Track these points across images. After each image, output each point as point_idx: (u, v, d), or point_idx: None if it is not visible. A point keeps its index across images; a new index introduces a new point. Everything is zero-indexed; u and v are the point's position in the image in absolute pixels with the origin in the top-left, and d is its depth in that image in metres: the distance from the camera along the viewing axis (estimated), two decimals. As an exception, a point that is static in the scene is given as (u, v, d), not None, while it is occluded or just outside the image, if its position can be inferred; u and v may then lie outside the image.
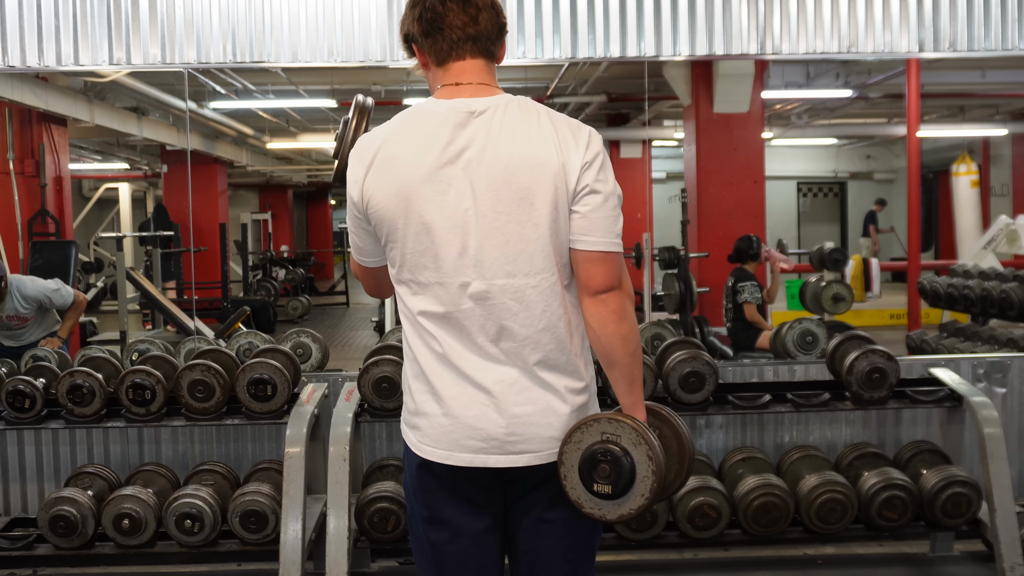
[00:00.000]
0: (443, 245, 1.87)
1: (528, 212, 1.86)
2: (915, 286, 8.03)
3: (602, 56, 4.36)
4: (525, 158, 1.86)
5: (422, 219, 1.86)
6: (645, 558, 4.10)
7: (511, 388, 1.88)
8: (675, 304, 7.43)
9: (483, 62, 1.96)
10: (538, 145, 1.87)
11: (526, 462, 1.89)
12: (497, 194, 1.85)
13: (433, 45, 1.95)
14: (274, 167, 17.58)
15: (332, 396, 4.06)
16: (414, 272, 1.90)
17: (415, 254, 1.89)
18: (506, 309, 1.87)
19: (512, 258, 1.86)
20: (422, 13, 1.94)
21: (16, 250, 7.47)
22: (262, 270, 15.34)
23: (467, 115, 1.88)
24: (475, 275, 1.87)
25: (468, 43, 1.94)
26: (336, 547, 3.47)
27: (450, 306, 1.88)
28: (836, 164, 18.74)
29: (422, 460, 1.93)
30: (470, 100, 1.91)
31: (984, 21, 4.43)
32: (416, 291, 1.91)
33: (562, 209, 1.87)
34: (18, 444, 4.34)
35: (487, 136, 1.87)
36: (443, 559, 1.97)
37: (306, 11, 4.30)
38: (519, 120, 1.89)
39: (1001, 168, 15.00)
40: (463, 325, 1.88)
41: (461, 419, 1.88)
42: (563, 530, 1.97)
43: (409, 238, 1.88)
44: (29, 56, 4.25)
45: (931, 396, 4.04)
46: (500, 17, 1.98)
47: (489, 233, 1.86)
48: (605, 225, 1.89)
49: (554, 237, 1.87)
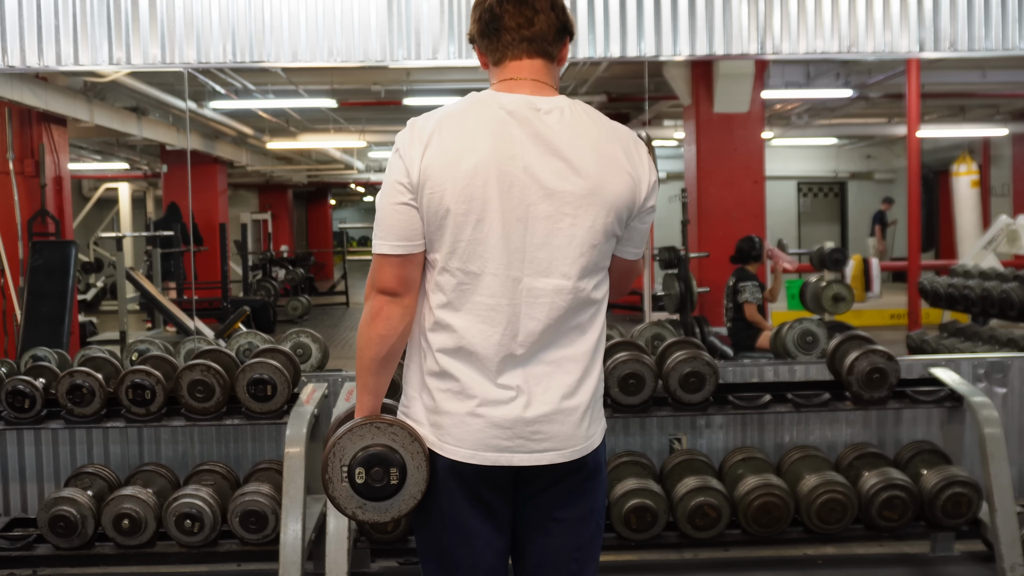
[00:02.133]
0: (507, 237, 1.86)
1: (591, 218, 1.88)
2: (915, 286, 8.03)
3: (602, 56, 4.36)
4: (604, 166, 1.89)
5: (484, 208, 1.85)
6: (645, 558, 4.10)
7: (538, 386, 1.89)
8: (675, 304, 7.43)
9: (541, 62, 1.97)
10: (613, 156, 1.91)
11: (550, 460, 1.89)
12: (564, 195, 1.86)
13: (489, 45, 1.97)
14: (274, 167, 17.59)
15: (332, 396, 4.06)
16: (466, 261, 1.87)
17: (471, 242, 1.86)
18: (555, 309, 1.88)
19: (572, 261, 1.88)
20: (481, 14, 1.96)
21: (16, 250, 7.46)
22: (262, 270, 15.35)
23: (533, 111, 1.89)
24: (530, 271, 1.87)
25: (524, 44, 1.95)
26: (336, 547, 3.47)
27: (500, 299, 1.87)
28: (836, 164, 18.73)
29: (445, 459, 1.91)
30: (532, 97, 1.91)
31: (984, 21, 4.43)
32: (462, 281, 1.87)
33: (622, 220, 1.93)
34: (18, 444, 4.34)
35: (562, 135, 1.88)
36: (456, 561, 1.95)
37: (306, 11, 4.30)
38: (589, 125, 1.92)
39: (1001, 168, 15.00)
40: (509, 320, 1.87)
41: (487, 418, 1.87)
42: (573, 529, 1.97)
43: (470, 224, 1.86)
44: (29, 56, 4.25)
45: (931, 396, 4.04)
46: (561, 18, 1.98)
47: (551, 232, 1.87)
48: (645, 237, 2.04)
49: (605, 245, 1.92)
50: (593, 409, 1.95)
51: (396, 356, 1.94)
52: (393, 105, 11.07)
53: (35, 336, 6.07)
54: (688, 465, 4.01)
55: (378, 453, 1.90)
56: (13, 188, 7.57)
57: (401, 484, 1.91)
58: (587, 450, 1.93)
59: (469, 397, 1.88)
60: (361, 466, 1.91)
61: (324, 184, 22.83)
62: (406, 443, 1.90)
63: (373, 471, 1.90)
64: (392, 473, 1.90)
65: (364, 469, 1.91)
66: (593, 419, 1.95)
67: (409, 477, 1.90)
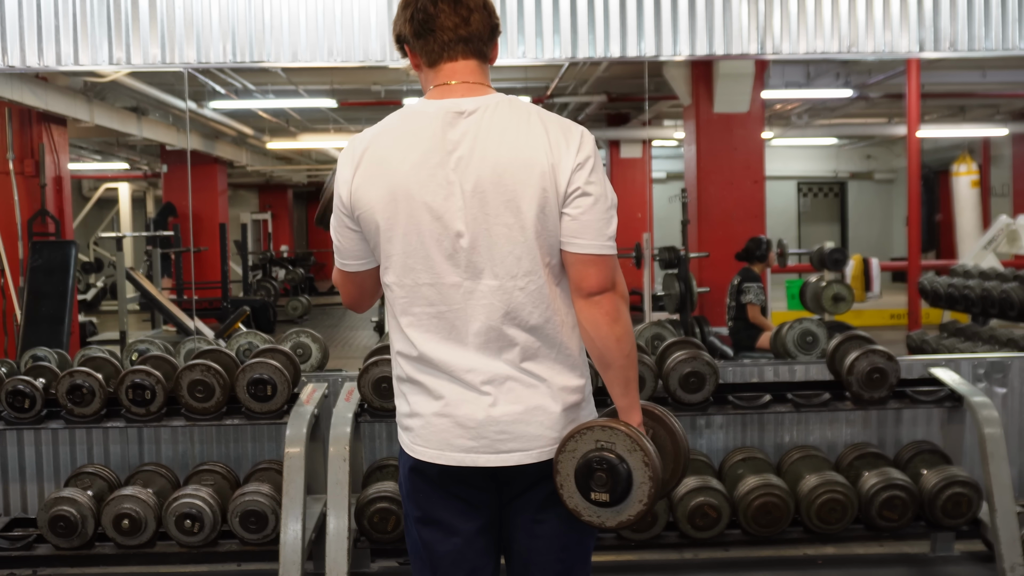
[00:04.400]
0: (433, 246, 1.86)
1: (515, 215, 1.85)
2: (915, 286, 8.03)
3: (602, 56, 4.36)
4: (513, 159, 1.85)
5: (412, 220, 1.86)
6: (645, 558, 4.10)
7: (501, 387, 1.88)
8: (675, 304, 7.44)
9: (475, 63, 1.95)
10: (527, 146, 1.85)
11: (516, 461, 1.89)
12: (485, 196, 1.85)
13: (425, 46, 1.95)
14: (274, 167, 17.58)
15: (332, 396, 4.06)
16: (404, 273, 1.89)
17: (404, 255, 1.88)
18: (495, 310, 1.87)
19: (500, 260, 1.86)
20: (413, 14, 1.93)
21: (16, 250, 7.46)
22: (262, 270, 15.34)
23: (456, 115, 1.88)
24: (465, 276, 1.87)
25: (460, 44, 1.93)
26: (336, 547, 3.47)
27: (441, 306, 1.88)
28: (836, 164, 18.73)
29: (414, 460, 1.94)
30: (460, 100, 1.90)
31: (984, 21, 4.43)
32: (407, 292, 1.90)
33: (551, 212, 1.86)
34: (18, 444, 4.34)
35: (476, 136, 1.86)
36: (437, 559, 1.97)
37: (306, 11, 4.30)
38: (509, 120, 1.88)
39: (1001, 168, 14.99)
40: (453, 325, 1.88)
41: (452, 418, 1.89)
42: (557, 530, 1.97)
43: (398, 239, 1.87)
44: (29, 56, 4.25)
45: (931, 396, 4.04)
46: (492, 18, 1.97)
47: (478, 235, 1.85)
48: (596, 227, 1.87)
49: (541, 240, 1.86)
50: (572, 409, 1.92)
51: None
52: (393, 105, 11.05)
53: (35, 336, 6.07)
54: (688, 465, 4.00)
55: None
56: (13, 188, 7.57)
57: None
58: None
59: (437, 398, 1.90)
60: None
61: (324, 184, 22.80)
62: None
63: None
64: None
65: None
66: (573, 420, 1.93)
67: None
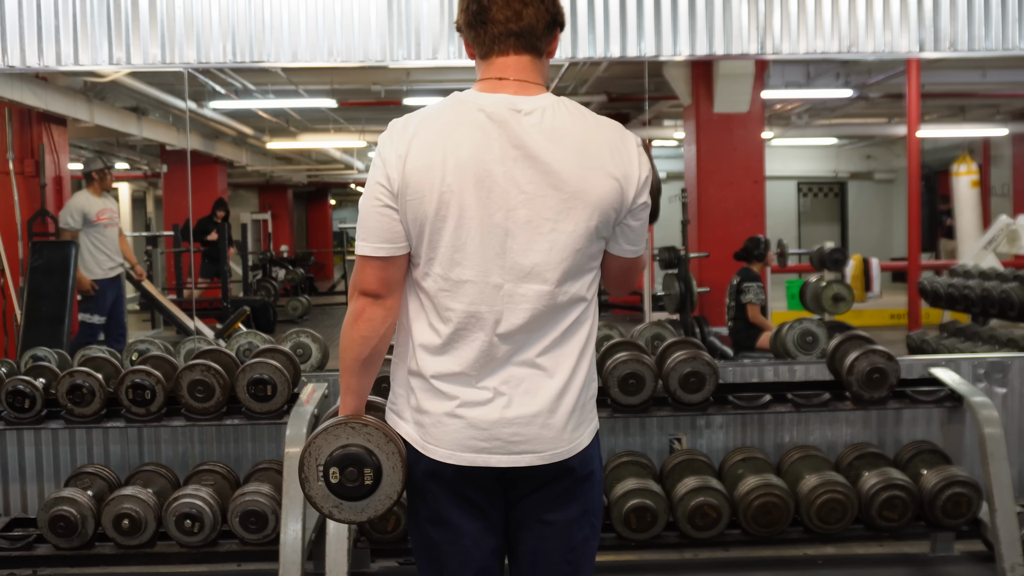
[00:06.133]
0: (481, 244, 1.83)
1: (573, 222, 1.83)
2: (915, 286, 8.03)
3: (602, 56, 4.36)
4: (578, 168, 1.83)
5: (462, 215, 1.82)
6: (645, 558, 4.10)
7: (517, 388, 1.87)
8: (675, 304, 7.44)
9: (528, 58, 1.91)
10: (593, 156, 1.84)
11: (528, 462, 1.88)
12: (545, 200, 1.82)
13: (476, 38, 1.91)
14: (274, 167, 17.58)
15: (332, 396, 4.06)
16: (447, 268, 1.85)
17: (453, 249, 1.84)
18: (530, 313, 1.85)
19: (553, 266, 1.84)
20: (468, 4, 1.90)
21: (16, 250, 7.45)
22: (262, 270, 15.32)
23: (514, 113, 1.84)
24: (511, 277, 1.84)
25: (511, 39, 1.89)
26: (336, 547, 3.47)
27: (480, 305, 1.85)
28: (836, 164, 18.71)
29: (428, 460, 1.91)
30: (514, 97, 1.86)
31: (984, 21, 4.43)
32: (450, 286, 1.85)
33: (609, 222, 1.87)
34: (18, 444, 4.35)
35: (535, 139, 1.82)
36: (445, 559, 1.96)
37: (306, 11, 4.30)
38: (570, 125, 1.86)
39: (1001, 168, 14.98)
40: (483, 324, 1.85)
41: (466, 418, 1.87)
42: (565, 532, 1.96)
43: (447, 232, 1.83)
44: (29, 56, 4.25)
45: (931, 396, 4.04)
46: (552, 9, 1.92)
47: (532, 238, 1.83)
48: (644, 233, 1.96)
49: (589, 248, 1.87)
50: (580, 412, 1.92)
51: (379, 357, 1.94)
52: (393, 105, 11.05)
53: (35, 336, 6.07)
54: (688, 465, 4.01)
55: (353, 453, 1.90)
56: (13, 188, 7.57)
57: (376, 485, 1.91)
58: (570, 453, 1.91)
59: (450, 398, 1.88)
60: (335, 466, 1.91)
61: (324, 184, 22.79)
62: (381, 444, 1.91)
63: (347, 471, 1.91)
64: (366, 473, 1.90)
65: (339, 469, 1.91)
66: (580, 422, 1.93)
67: (384, 478, 1.91)
